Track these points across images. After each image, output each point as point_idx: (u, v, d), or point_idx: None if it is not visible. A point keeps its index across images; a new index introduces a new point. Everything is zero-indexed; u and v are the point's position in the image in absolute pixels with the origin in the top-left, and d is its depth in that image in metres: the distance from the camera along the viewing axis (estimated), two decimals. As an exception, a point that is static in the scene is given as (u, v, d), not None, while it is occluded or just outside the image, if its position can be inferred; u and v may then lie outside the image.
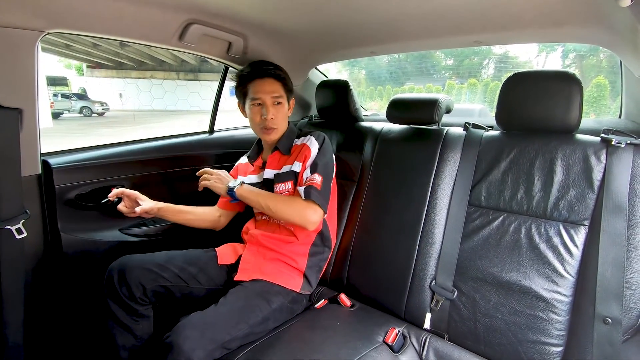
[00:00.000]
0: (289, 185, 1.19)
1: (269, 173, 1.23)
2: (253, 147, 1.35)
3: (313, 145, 1.18)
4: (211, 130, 1.74)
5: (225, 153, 1.66)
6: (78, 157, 1.27)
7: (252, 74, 1.18)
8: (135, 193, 1.14)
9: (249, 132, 1.78)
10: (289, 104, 1.24)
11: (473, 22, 1.10)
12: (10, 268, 1.03)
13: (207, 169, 1.23)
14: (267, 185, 1.22)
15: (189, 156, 1.55)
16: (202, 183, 1.20)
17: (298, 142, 1.23)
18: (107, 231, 1.33)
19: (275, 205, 1.12)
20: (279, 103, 1.19)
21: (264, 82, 1.17)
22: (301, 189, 1.11)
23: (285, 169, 1.20)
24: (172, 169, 1.48)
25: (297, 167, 1.18)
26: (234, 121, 1.90)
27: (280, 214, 1.12)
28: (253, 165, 1.31)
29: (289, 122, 1.28)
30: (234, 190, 1.14)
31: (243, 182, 1.18)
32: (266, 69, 1.17)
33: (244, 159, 1.37)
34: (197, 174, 1.23)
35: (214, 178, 1.19)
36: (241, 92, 1.22)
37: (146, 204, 1.12)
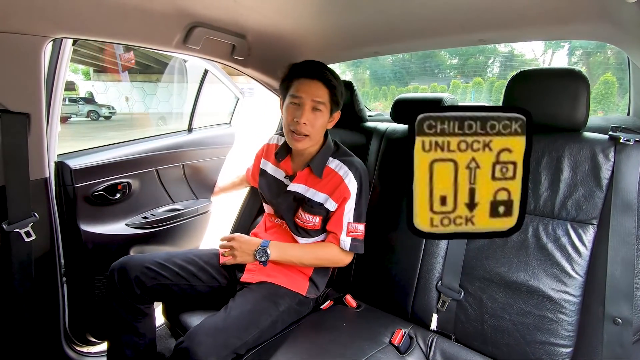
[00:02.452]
0: (316, 220, 1.11)
1: (297, 187, 1.14)
2: (283, 145, 1.21)
3: (352, 184, 1.08)
4: (190, 129, 1.82)
5: (203, 149, 1.77)
6: (90, 158, 1.32)
7: (301, 71, 1.07)
8: None
9: (222, 129, 1.96)
10: (331, 116, 1.11)
11: (477, 21, 1.09)
12: (20, 271, 1.05)
13: (224, 240, 1.09)
14: (293, 198, 1.15)
15: (176, 153, 1.64)
16: (227, 261, 1.08)
17: (332, 165, 1.12)
18: (117, 224, 1.42)
19: (310, 261, 1.13)
20: (318, 110, 1.06)
21: (311, 83, 1.05)
22: (346, 240, 1.08)
23: (316, 197, 1.11)
24: (164, 165, 1.58)
25: (330, 205, 1.10)
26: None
27: (313, 266, 1.16)
28: (279, 161, 1.22)
29: (327, 136, 1.17)
30: (266, 262, 1.04)
31: (268, 242, 1.06)
32: (318, 71, 1.06)
33: (273, 139, 1.30)
34: (219, 246, 1.12)
35: (237, 253, 1.05)
36: (285, 86, 1.11)
37: None
